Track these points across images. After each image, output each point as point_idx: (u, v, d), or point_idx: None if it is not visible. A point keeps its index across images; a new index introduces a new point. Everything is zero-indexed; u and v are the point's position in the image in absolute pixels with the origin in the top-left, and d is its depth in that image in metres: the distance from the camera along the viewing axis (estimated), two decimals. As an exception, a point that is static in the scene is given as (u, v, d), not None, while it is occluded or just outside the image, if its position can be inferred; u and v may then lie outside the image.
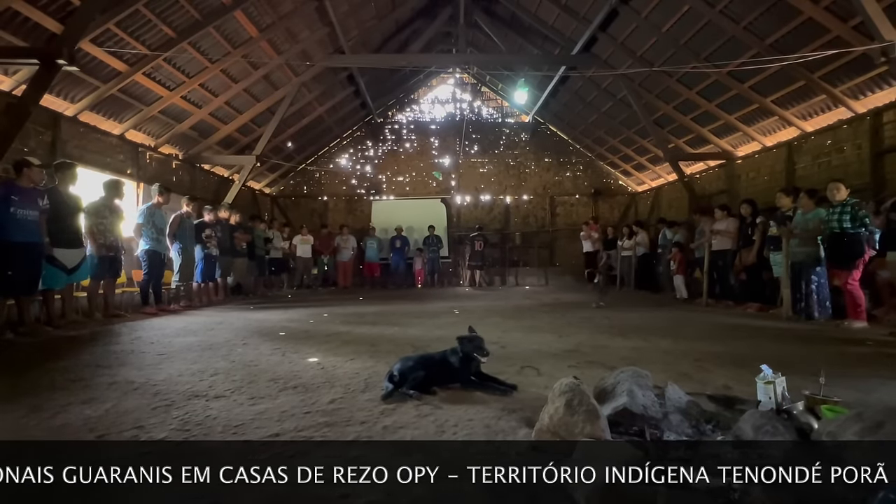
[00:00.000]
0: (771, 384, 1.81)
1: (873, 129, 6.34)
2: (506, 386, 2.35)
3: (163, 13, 6.29)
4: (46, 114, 6.02)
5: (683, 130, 9.72)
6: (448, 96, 14.37)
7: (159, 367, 2.96)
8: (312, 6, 7.92)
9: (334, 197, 13.90)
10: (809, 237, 5.16)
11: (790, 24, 6.13)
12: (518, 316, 5.69)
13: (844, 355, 3.36)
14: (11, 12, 4.93)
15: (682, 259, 8.20)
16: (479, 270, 11.78)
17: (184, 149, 9.08)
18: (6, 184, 4.21)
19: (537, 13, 9.66)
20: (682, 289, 7.95)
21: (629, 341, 3.84)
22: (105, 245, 5.26)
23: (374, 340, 3.90)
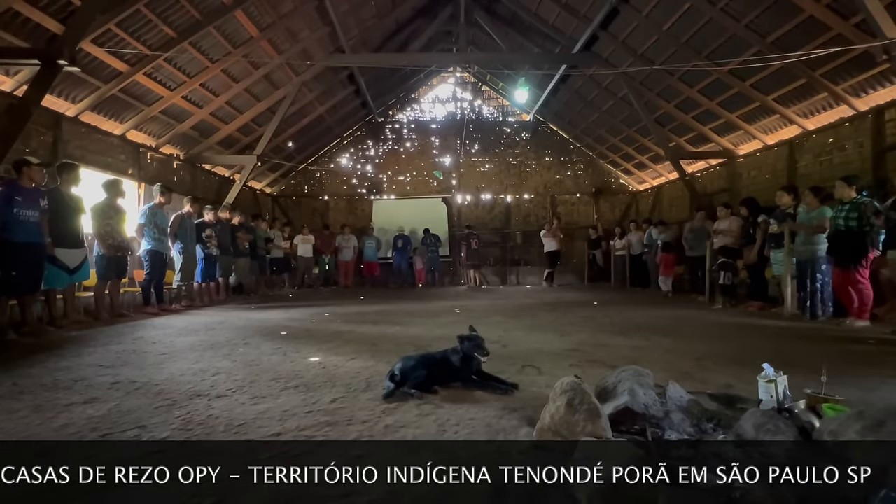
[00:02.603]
0: (772, 383, 1.81)
1: (875, 127, 6.32)
2: (507, 385, 2.35)
3: (163, 13, 6.29)
4: (48, 114, 6.03)
5: (684, 129, 9.70)
6: (449, 95, 14.35)
7: (161, 366, 2.97)
8: (313, 6, 7.92)
9: (335, 196, 13.91)
10: (814, 235, 5.14)
11: (791, 22, 6.11)
12: (519, 315, 5.69)
13: (846, 354, 3.35)
14: (12, 13, 4.93)
15: (666, 259, 8.73)
16: (473, 270, 11.83)
17: (185, 149, 9.09)
18: (9, 184, 4.22)
19: (538, 12, 9.65)
20: (667, 286, 8.64)
21: (630, 340, 3.84)
22: (114, 246, 5.30)
23: (375, 340, 3.90)
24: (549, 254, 11.44)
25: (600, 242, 11.76)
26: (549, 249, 11.40)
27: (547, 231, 11.44)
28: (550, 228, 11.44)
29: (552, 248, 11.35)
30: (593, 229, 12.15)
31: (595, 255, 11.68)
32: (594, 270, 11.87)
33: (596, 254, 11.67)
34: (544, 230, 11.56)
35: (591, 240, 11.92)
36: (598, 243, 11.73)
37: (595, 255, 11.68)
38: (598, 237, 11.83)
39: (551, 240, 11.32)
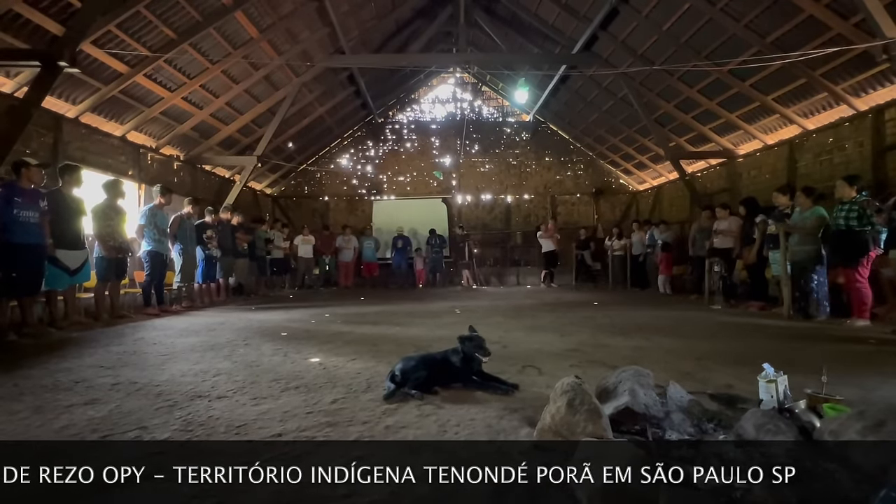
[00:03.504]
0: (773, 383, 1.81)
1: (875, 126, 6.32)
2: (507, 385, 2.35)
3: (163, 14, 6.30)
4: (48, 115, 6.04)
5: (684, 129, 9.71)
6: (448, 96, 14.36)
7: (162, 367, 2.96)
8: (313, 6, 7.93)
9: (335, 197, 13.91)
10: (808, 235, 5.14)
11: (791, 22, 6.11)
12: (519, 315, 5.69)
13: (846, 354, 3.35)
14: (13, 14, 4.94)
15: (665, 259, 8.90)
16: (466, 270, 11.88)
17: (185, 150, 9.09)
18: (8, 186, 4.21)
19: (538, 12, 9.66)
20: (665, 286, 8.83)
21: (630, 340, 3.84)
22: (115, 247, 5.30)
23: (375, 340, 3.90)
24: (546, 254, 11.48)
25: (589, 243, 11.82)
26: (546, 250, 11.44)
27: (544, 232, 11.48)
28: (547, 229, 11.47)
29: (549, 249, 11.40)
30: (584, 230, 12.21)
31: (584, 255, 11.71)
32: (582, 271, 11.86)
33: (584, 254, 11.71)
34: (541, 231, 11.61)
35: (579, 240, 11.95)
36: (587, 244, 11.77)
37: (584, 256, 11.71)
38: (588, 238, 11.86)
39: (548, 240, 11.36)
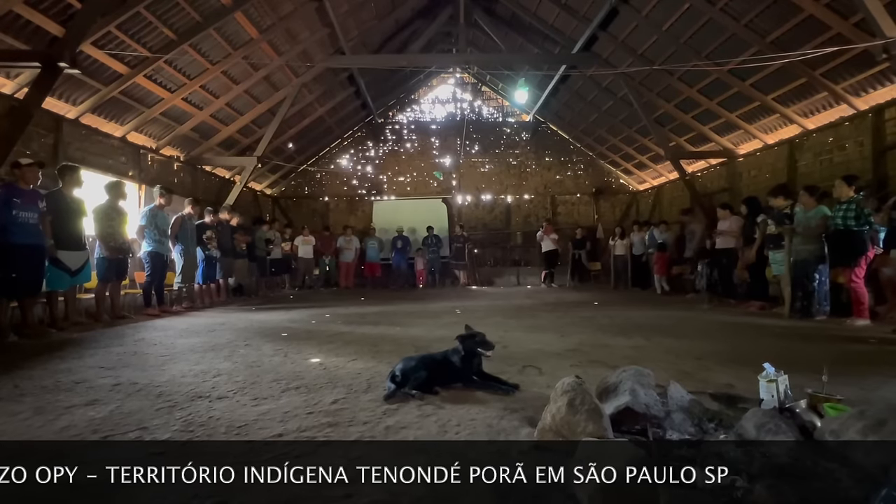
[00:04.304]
0: (773, 382, 1.81)
1: (875, 126, 6.32)
2: (508, 385, 2.35)
3: (163, 15, 6.30)
4: (48, 116, 6.04)
5: (684, 128, 9.71)
6: (448, 96, 14.36)
7: (162, 368, 2.97)
8: (312, 7, 7.93)
9: (335, 197, 13.91)
10: (812, 235, 5.13)
11: (791, 22, 6.11)
12: (519, 315, 5.69)
13: (847, 353, 3.35)
14: (13, 15, 4.94)
15: (659, 258, 9.00)
16: (461, 270, 11.94)
17: (185, 150, 9.10)
18: (7, 186, 4.22)
19: (537, 12, 9.66)
20: (662, 285, 8.97)
21: (631, 340, 3.84)
22: (116, 248, 5.31)
23: (375, 341, 3.90)
24: (546, 254, 11.49)
25: (585, 242, 11.81)
26: (546, 249, 11.45)
27: (543, 232, 11.49)
28: (545, 229, 11.49)
29: (549, 249, 11.41)
30: (580, 229, 12.21)
31: (580, 254, 11.72)
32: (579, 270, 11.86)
33: (581, 254, 11.72)
34: (540, 231, 11.64)
35: (575, 240, 11.92)
36: (583, 243, 11.77)
37: (580, 255, 11.72)
38: (584, 237, 11.85)
39: (547, 240, 11.37)
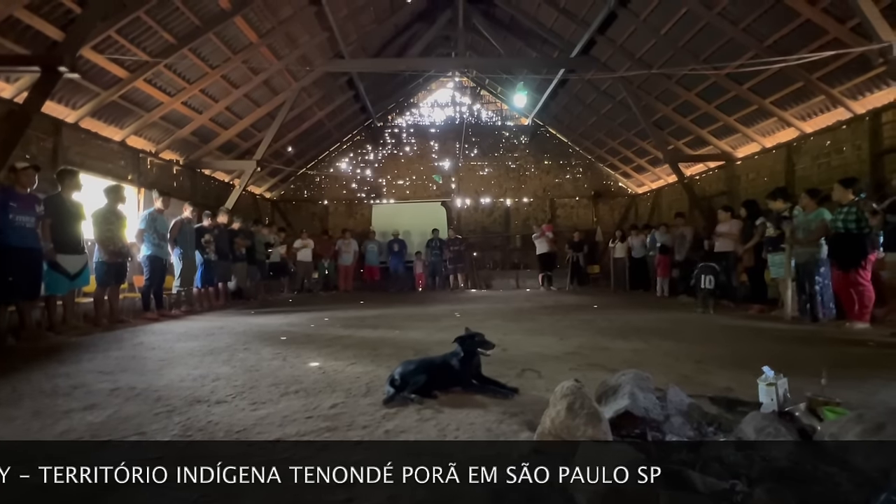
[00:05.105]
0: (773, 386, 1.81)
1: (872, 129, 6.35)
2: (507, 389, 2.35)
3: (163, 20, 6.32)
4: (48, 121, 6.05)
5: (683, 132, 9.74)
6: (447, 100, 14.40)
7: (161, 372, 2.96)
8: (312, 11, 7.96)
9: (335, 201, 13.93)
10: (811, 238, 5.14)
11: (788, 26, 6.15)
12: (519, 318, 5.68)
13: (846, 356, 3.35)
14: (13, 20, 4.95)
15: (662, 261, 9.01)
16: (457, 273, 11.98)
17: (184, 154, 9.11)
18: (4, 190, 4.22)
19: (536, 16, 9.70)
20: (663, 288, 8.96)
21: (630, 343, 3.84)
22: (115, 252, 5.30)
23: (375, 344, 3.90)
24: (540, 256, 11.48)
25: (583, 245, 11.82)
26: (540, 251, 11.45)
27: (539, 234, 11.49)
28: (541, 230, 11.48)
29: (544, 251, 11.40)
30: (577, 231, 12.23)
31: (578, 257, 11.73)
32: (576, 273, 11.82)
33: (579, 256, 11.73)
34: (536, 233, 11.65)
35: (572, 242, 11.92)
36: (580, 246, 11.76)
37: (578, 258, 11.73)
38: (581, 240, 11.85)
39: (542, 241, 11.37)
